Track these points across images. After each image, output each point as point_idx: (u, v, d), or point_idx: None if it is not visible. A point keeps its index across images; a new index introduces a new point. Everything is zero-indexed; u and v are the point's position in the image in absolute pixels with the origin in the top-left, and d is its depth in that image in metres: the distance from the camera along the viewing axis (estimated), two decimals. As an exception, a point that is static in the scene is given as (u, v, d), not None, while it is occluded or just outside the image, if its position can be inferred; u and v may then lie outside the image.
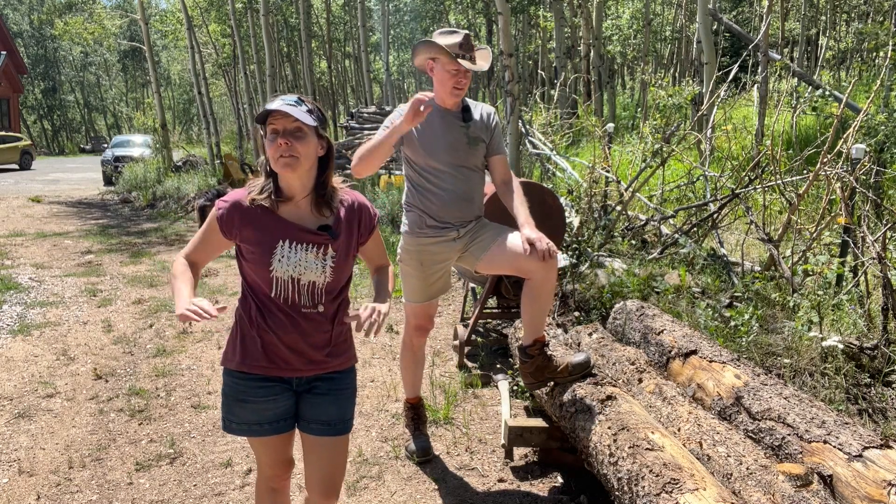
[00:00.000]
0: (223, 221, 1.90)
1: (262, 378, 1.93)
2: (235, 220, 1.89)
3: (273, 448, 2.02)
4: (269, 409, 1.95)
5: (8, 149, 24.47)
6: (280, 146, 1.79)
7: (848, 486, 1.97)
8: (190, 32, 17.00)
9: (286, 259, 1.86)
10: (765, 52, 11.10)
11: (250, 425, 1.95)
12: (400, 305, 5.75)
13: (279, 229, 1.88)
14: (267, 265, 1.86)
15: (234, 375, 1.94)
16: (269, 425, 1.96)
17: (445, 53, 2.77)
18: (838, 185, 4.15)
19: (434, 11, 24.12)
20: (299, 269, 1.87)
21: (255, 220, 1.89)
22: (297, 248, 1.87)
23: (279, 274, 1.86)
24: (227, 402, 1.97)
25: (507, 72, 8.21)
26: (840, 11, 23.76)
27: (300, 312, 1.90)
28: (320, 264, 1.89)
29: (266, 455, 2.04)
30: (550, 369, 2.87)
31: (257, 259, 1.87)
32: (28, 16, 45.21)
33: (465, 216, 2.94)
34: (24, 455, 3.30)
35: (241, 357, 1.93)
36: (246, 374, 1.93)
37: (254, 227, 1.88)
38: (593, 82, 16.59)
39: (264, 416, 1.95)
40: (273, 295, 1.88)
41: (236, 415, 1.95)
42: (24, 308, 5.88)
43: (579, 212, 6.04)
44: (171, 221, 11.66)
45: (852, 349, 3.36)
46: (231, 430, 1.98)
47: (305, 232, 1.89)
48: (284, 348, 1.91)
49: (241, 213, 1.89)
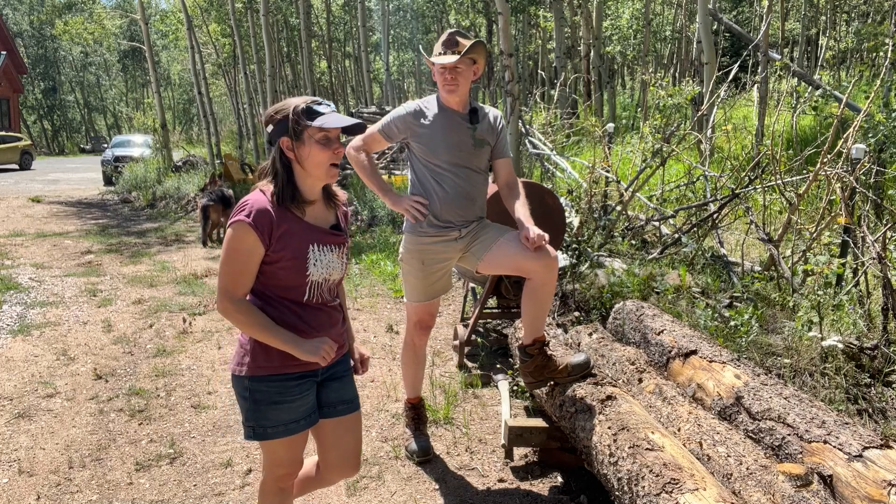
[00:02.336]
0: (261, 229, 1.82)
1: (299, 375, 1.97)
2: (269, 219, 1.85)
3: (297, 446, 2.05)
4: (304, 405, 1.99)
5: (8, 149, 24.46)
6: (336, 153, 1.88)
7: (848, 486, 1.97)
8: (190, 32, 16.99)
9: (319, 263, 1.93)
10: (765, 52, 11.11)
11: (287, 425, 1.97)
12: (401, 305, 5.75)
13: (308, 234, 1.92)
14: (304, 271, 1.90)
15: (268, 380, 1.94)
16: (304, 420, 2.00)
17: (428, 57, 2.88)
18: (838, 185, 4.15)
19: (434, 12, 24.12)
20: (329, 269, 1.96)
21: (282, 221, 1.88)
22: (325, 251, 1.94)
23: (315, 278, 1.93)
24: (259, 409, 1.95)
25: (507, 72, 8.22)
26: (840, 11, 23.76)
27: (327, 306, 2.01)
28: (339, 262, 2.00)
29: (287, 454, 2.05)
30: (550, 369, 2.87)
31: (295, 266, 1.89)
32: (28, 16, 45.19)
33: (468, 216, 2.95)
34: (24, 455, 3.30)
35: (280, 360, 1.93)
36: (285, 376, 1.94)
37: (287, 232, 1.88)
38: (593, 82, 16.60)
39: (299, 412, 1.98)
40: (307, 298, 1.95)
41: (271, 419, 1.95)
42: (24, 308, 5.88)
43: (579, 212, 6.04)
44: (171, 221, 11.66)
45: (852, 349, 3.36)
46: (267, 436, 1.97)
47: (326, 234, 1.96)
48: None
49: (270, 216, 1.86)
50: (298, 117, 1.84)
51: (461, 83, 2.86)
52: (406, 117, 2.92)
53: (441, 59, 2.81)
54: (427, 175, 2.93)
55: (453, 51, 2.83)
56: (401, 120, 2.93)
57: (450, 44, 2.84)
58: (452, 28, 3.04)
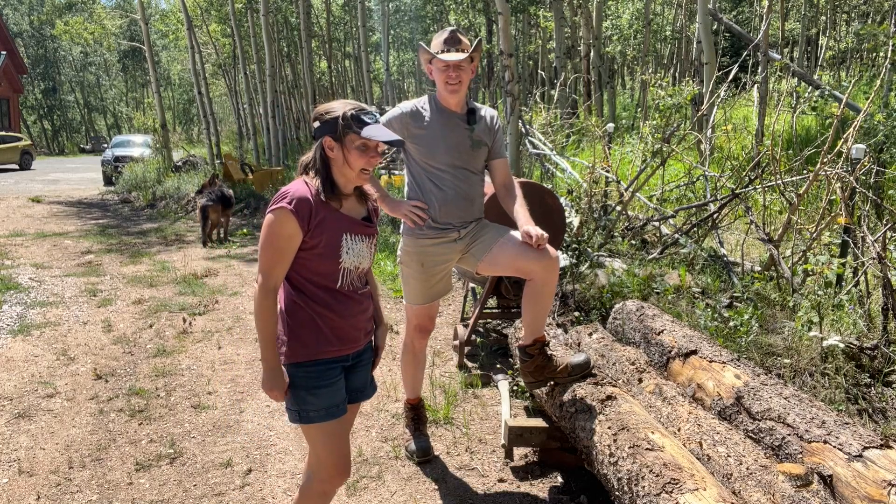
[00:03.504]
0: (300, 212, 1.94)
1: (334, 360, 2.06)
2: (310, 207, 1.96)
3: (345, 430, 2.13)
4: (340, 389, 2.07)
5: (8, 149, 24.46)
6: (370, 160, 2.01)
7: (848, 486, 1.97)
8: (190, 32, 16.99)
9: (352, 251, 2.04)
10: (765, 52, 11.10)
11: (328, 409, 2.04)
12: (401, 305, 5.75)
13: (343, 223, 2.03)
14: (337, 258, 2.01)
15: (307, 366, 2.03)
16: (342, 404, 2.08)
17: (429, 53, 2.84)
18: (838, 185, 4.15)
19: (434, 12, 24.12)
20: (359, 258, 2.07)
21: (321, 213, 1.99)
22: (357, 240, 2.06)
23: (347, 265, 2.04)
24: (300, 394, 2.04)
25: (507, 72, 8.21)
26: (840, 11, 23.75)
27: (358, 293, 2.11)
28: (368, 251, 2.12)
29: (338, 444, 2.10)
30: (550, 369, 2.87)
31: (329, 253, 2.00)
32: (28, 16, 45.20)
33: (466, 217, 2.94)
34: (24, 455, 3.30)
35: (315, 346, 2.02)
36: (320, 361, 2.03)
37: (324, 221, 1.99)
38: (593, 82, 16.59)
39: (338, 396, 2.07)
40: (339, 285, 2.04)
41: (311, 403, 2.03)
42: (24, 308, 5.88)
43: (579, 212, 6.04)
44: (172, 221, 11.66)
45: (852, 349, 3.36)
46: (310, 420, 2.04)
47: (358, 224, 2.08)
48: (350, 328, 2.08)
49: (310, 205, 1.97)
50: (348, 122, 1.97)
51: (463, 81, 2.84)
52: (403, 118, 2.89)
53: (446, 56, 2.78)
54: (424, 177, 2.91)
55: (457, 48, 2.81)
56: (398, 121, 2.89)
57: (453, 42, 2.81)
58: (454, 28, 3.00)
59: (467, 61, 2.82)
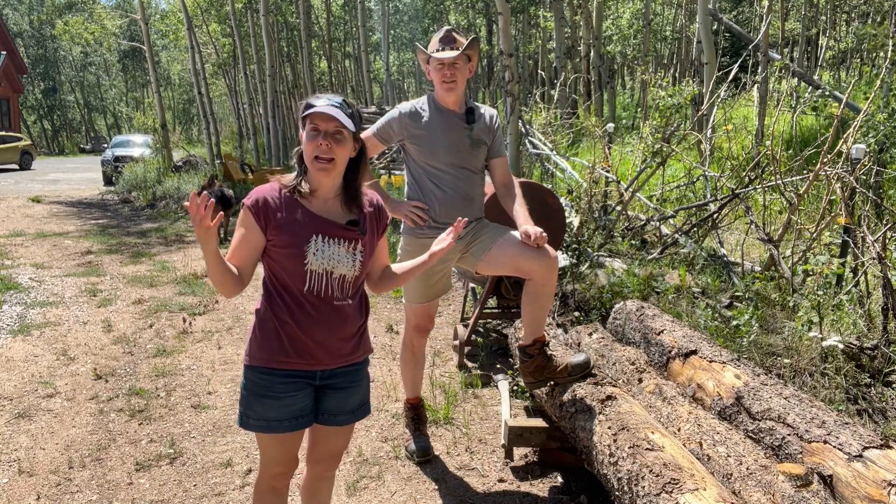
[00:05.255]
0: (256, 210, 1.91)
1: (289, 373, 1.96)
2: (268, 206, 1.92)
3: (286, 445, 2.04)
4: (291, 406, 1.97)
5: (8, 149, 24.46)
6: (319, 146, 1.87)
7: (848, 486, 1.97)
8: (190, 32, 17.00)
9: (320, 252, 1.92)
10: (765, 52, 11.11)
11: (269, 421, 1.97)
12: (401, 305, 5.75)
13: (312, 223, 1.94)
14: (302, 258, 1.91)
15: (259, 371, 1.97)
16: (287, 422, 1.98)
17: (426, 53, 2.86)
18: (838, 185, 4.15)
19: (434, 12, 24.12)
20: (332, 262, 1.94)
21: (286, 210, 1.93)
22: (330, 243, 1.94)
23: (314, 267, 1.92)
24: (248, 397, 1.98)
25: (507, 72, 8.21)
26: (840, 11, 23.76)
27: (332, 305, 1.96)
28: (351, 258, 1.97)
29: (277, 452, 2.05)
30: (550, 369, 2.87)
31: (292, 252, 1.91)
32: (28, 16, 45.21)
33: (466, 216, 2.94)
34: (24, 455, 3.30)
35: (268, 353, 1.95)
36: (272, 370, 1.95)
37: (286, 218, 1.92)
38: (593, 82, 16.60)
39: (285, 412, 1.97)
40: (306, 289, 1.93)
41: (255, 410, 1.97)
42: (24, 308, 5.88)
43: (579, 212, 6.04)
44: (172, 221, 11.66)
45: (852, 349, 3.36)
46: (248, 426, 2.00)
47: (336, 227, 1.96)
48: (312, 342, 1.95)
49: (271, 200, 1.93)
50: (303, 109, 1.91)
51: (459, 80, 2.84)
52: (402, 119, 2.89)
53: (441, 55, 2.80)
54: (424, 177, 2.92)
55: (452, 47, 2.82)
56: (396, 122, 2.90)
57: (448, 40, 2.83)
58: (451, 27, 3.01)
59: (463, 59, 2.83)
